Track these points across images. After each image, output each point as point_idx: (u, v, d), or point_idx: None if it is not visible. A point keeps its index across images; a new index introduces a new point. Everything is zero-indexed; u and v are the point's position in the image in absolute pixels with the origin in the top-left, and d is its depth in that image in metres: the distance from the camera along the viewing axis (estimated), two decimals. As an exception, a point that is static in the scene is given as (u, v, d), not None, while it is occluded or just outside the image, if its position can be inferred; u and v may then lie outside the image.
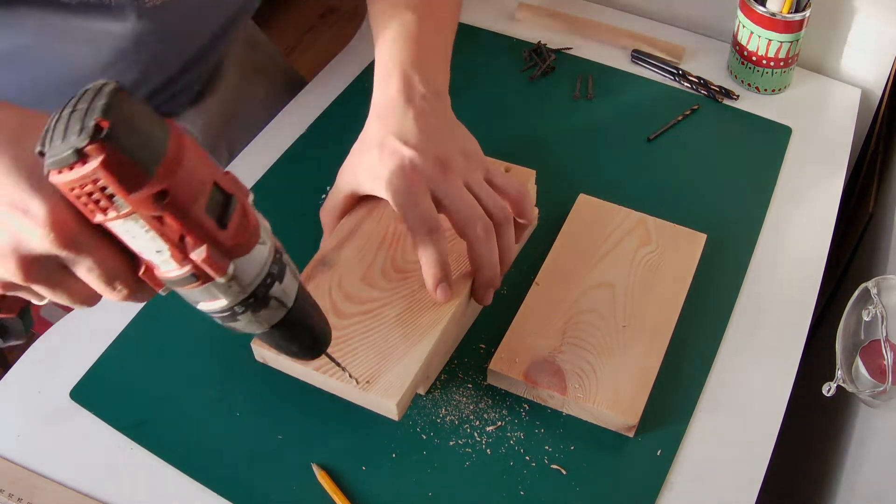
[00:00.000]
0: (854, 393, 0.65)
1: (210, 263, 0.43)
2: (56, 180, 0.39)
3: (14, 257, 0.43)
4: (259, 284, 0.47)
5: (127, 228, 0.42)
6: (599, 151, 0.89)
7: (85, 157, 0.38)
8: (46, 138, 0.39)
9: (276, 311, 0.49)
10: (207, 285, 0.45)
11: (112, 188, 0.39)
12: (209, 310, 0.48)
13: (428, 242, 0.63)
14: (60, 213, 0.42)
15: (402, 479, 0.63)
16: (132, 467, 0.65)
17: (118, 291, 0.45)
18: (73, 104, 0.39)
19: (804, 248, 0.80)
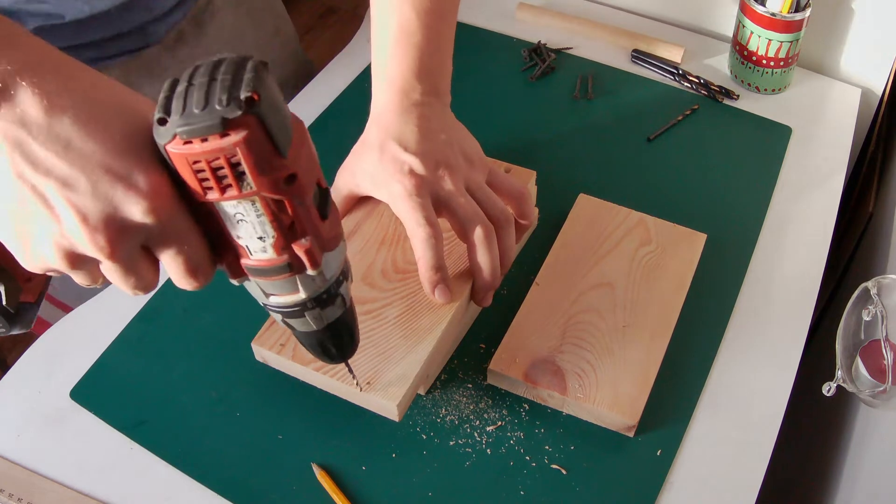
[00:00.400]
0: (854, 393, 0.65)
1: (310, 254, 0.43)
2: (180, 150, 0.38)
3: (107, 229, 0.40)
4: (334, 281, 0.47)
5: (239, 210, 0.41)
6: (599, 151, 0.89)
7: (227, 130, 0.37)
8: (173, 106, 0.37)
9: (337, 310, 0.49)
10: (296, 277, 0.44)
11: (245, 165, 0.38)
12: (280, 304, 0.47)
13: (426, 247, 0.63)
14: (164, 187, 0.40)
15: (402, 479, 0.63)
16: (132, 467, 0.65)
17: (193, 282, 0.44)
18: (207, 73, 0.37)
19: (804, 248, 0.80)
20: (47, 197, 0.39)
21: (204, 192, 0.40)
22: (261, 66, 0.38)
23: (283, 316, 0.48)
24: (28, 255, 0.42)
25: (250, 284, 0.46)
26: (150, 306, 0.75)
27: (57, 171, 0.39)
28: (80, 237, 0.40)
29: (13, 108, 0.38)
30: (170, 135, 0.38)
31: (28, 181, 0.39)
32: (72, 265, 0.42)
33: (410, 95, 0.67)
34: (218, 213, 0.41)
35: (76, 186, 0.39)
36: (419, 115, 0.67)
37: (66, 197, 0.39)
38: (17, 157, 0.39)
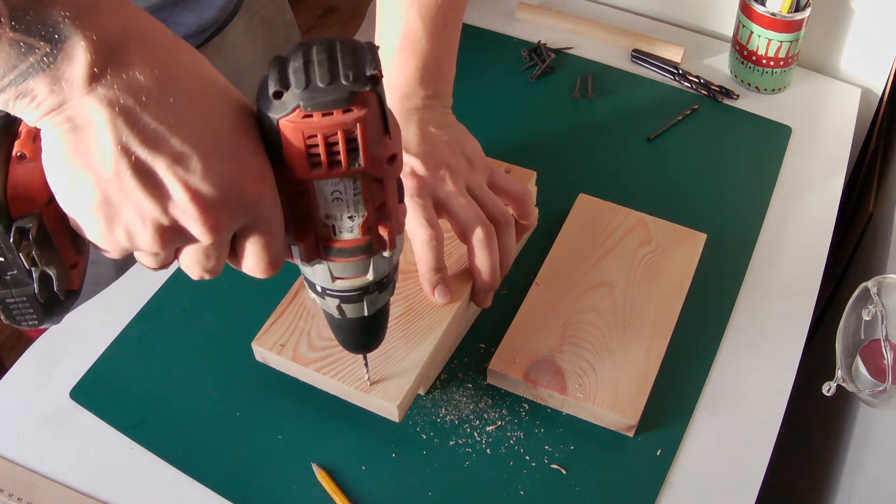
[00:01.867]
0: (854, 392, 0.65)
1: (392, 235, 0.44)
2: (297, 123, 0.38)
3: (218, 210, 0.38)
4: (396, 265, 0.49)
5: (338, 188, 0.41)
6: (599, 151, 0.89)
7: (352, 106, 0.38)
8: (291, 80, 0.37)
9: (388, 295, 0.50)
10: (371, 258, 0.45)
11: (360, 141, 0.39)
12: (346, 287, 0.47)
13: (427, 249, 0.63)
14: (270, 173, 0.40)
15: (402, 479, 0.63)
16: (132, 467, 0.65)
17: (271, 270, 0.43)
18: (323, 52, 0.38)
19: (804, 247, 0.80)
20: (154, 171, 0.37)
21: (311, 168, 0.40)
22: (375, 48, 0.39)
23: (340, 301, 0.48)
24: (112, 234, 0.39)
25: (319, 268, 0.46)
26: (150, 306, 0.75)
27: (168, 145, 0.36)
28: (191, 216, 0.38)
29: (121, 73, 0.36)
30: (289, 107, 0.38)
31: (132, 153, 0.36)
32: (164, 245, 0.39)
33: (412, 99, 0.67)
34: (313, 191, 0.41)
35: (189, 163, 0.37)
36: (420, 118, 0.67)
37: (177, 173, 0.37)
38: (122, 125, 0.36)
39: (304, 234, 0.44)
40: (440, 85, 0.69)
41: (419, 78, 0.68)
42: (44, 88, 0.35)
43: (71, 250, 0.43)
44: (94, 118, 0.36)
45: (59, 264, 0.42)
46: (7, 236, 0.39)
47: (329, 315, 0.52)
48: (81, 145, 0.36)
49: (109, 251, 0.41)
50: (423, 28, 0.67)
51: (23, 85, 0.35)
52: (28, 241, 0.39)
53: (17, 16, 0.34)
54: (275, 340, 0.65)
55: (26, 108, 0.36)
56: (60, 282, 0.42)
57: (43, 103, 0.36)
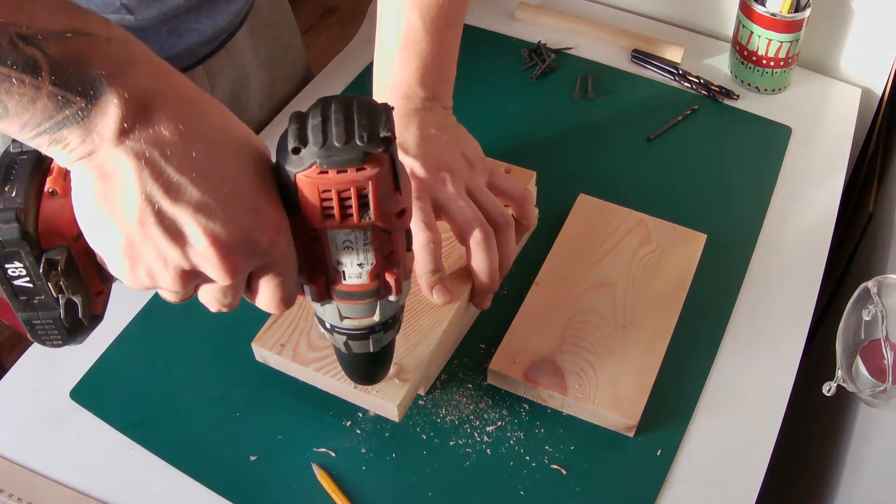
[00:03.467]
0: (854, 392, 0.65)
1: (399, 281, 0.47)
2: (313, 178, 0.41)
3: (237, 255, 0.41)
4: (402, 307, 0.52)
5: (349, 238, 0.44)
6: (599, 151, 0.89)
7: (365, 165, 0.40)
8: (309, 137, 0.40)
9: (393, 333, 0.54)
10: (379, 301, 0.49)
11: (371, 197, 0.42)
12: (353, 326, 0.51)
13: (425, 251, 0.63)
14: (285, 220, 0.43)
15: (402, 479, 0.63)
16: (132, 467, 0.65)
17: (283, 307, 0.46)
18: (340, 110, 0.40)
19: (804, 248, 0.80)
20: (176, 220, 0.40)
21: (324, 219, 0.43)
22: (390, 109, 0.42)
23: (347, 338, 0.52)
24: (136, 274, 0.42)
25: (328, 308, 0.50)
26: (150, 306, 0.75)
27: (190, 195, 0.39)
28: (210, 260, 0.41)
29: (148, 129, 0.38)
30: (306, 163, 0.41)
31: (155, 203, 0.39)
32: (184, 286, 0.43)
33: (412, 101, 0.67)
34: (326, 239, 0.45)
35: (210, 212, 0.40)
36: (420, 119, 0.67)
37: (198, 222, 0.40)
38: (147, 177, 0.38)
39: (315, 277, 0.47)
40: (440, 86, 0.69)
41: (419, 79, 0.68)
42: (76, 138, 0.38)
43: (97, 279, 0.46)
44: (121, 169, 0.38)
45: (85, 292, 0.45)
46: (37, 266, 0.41)
47: (337, 349, 0.55)
48: (109, 192, 0.39)
49: (134, 287, 0.44)
50: (424, 29, 0.67)
51: (57, 134, 0.38)
52: (56, 272, 0.42)
53: (58, 71, 0.36)
54: (275, 340, 0.65)
55: (59, 154, 0.39)
56: (85, 308, 0.45)
57: (75, 151, 0.38)
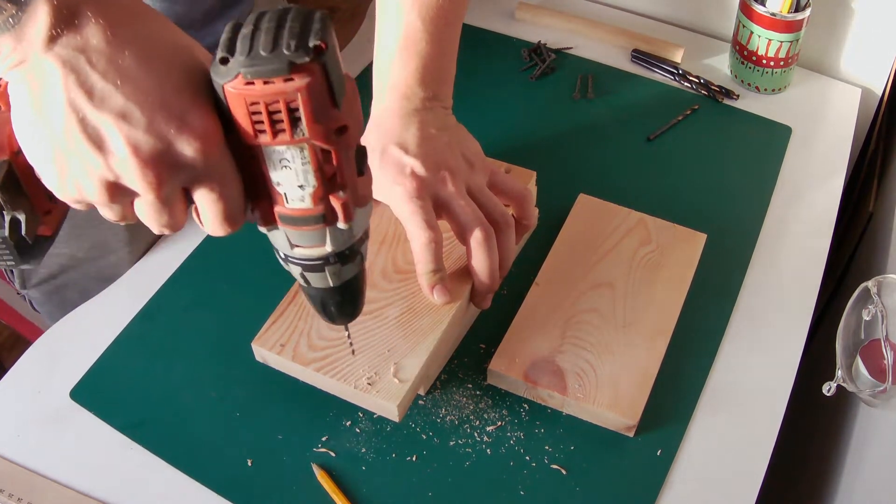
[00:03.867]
0: (854, 392, 0.65)
1: (346, 207, 0.44)
2: (240, 90, 0.39)
3: (158, 165, 0.40)
4: (359, 238, 0.48)
5: (286, 156, 0.41)
6: (599, 151, 0.89)
7: (292, 75, 0.38)
8: (237, 46, 0.38)
9: (355, 267, 0.50)
10: (327, 229, 0.45)
11: (303, 111, 0.39)
12: (304, 256, 0.48)
13: (426, 250, 0.63)
14: (215, 130, 0.40)
15: (402, 479, 0.63)
16: (132, 467, 0.65)
17: (226, 228, 0.44)
18: (273, 19, 0.38)
19: (804, 247, 0.80)
20: (99, 128, 0.39)
21: (256, 134, 0.40)
22: (328, 17, 0.39)
23: (302, 269, 0.49)
24: (65, 185, 0.41)
25: (277, 234, 0.47)
26: (150, 306, 0.75)
27: (113, 102, 0.39)
28: (131, 171, 0.40)
29: (76, 35, 0.38)
30: (232, 74, 0.38)
31: (80, 110, 0.39)
32: (111, 199, 0.41)
33: (412, 101, 0.67)
34: (262, 157, 0.42)
35: (132, 120, 0.39)
36: (420, 119, 0.67)
37: (120, 129, 0.39)
38: (72, 84, 0.38)
39: (258, 199, 0.44)
40: (440, 86, 0.69)
41: (419, 79, 0.68)
42: (9, 45, 0.38)
43: (43, 198, 0.45)
44: (50, 75, 0.38)
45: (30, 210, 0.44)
46: None
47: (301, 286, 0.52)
48: (39, 101, 0.39)
49: (66, 201, 0.43)
50: (424, 29, 0.67)
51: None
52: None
53: None
54: (275, 340, 0.65)
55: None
56: (29, 227, 0.44)
57: (8, 58, 0.38)
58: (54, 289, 0.83)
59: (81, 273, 0.81)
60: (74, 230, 0.77)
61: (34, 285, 0.82)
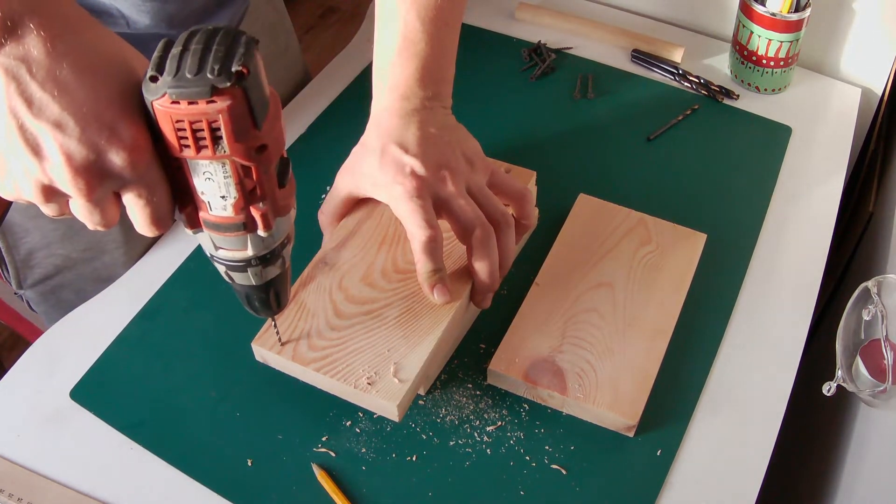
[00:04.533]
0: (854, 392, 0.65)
1: (265, 217, 0.47)
2: (166, 108, 0.41)
3: (88, 173, 0.42)
4: (280, 243, 0.52)
5: (209, 169, 0.44)
6: (599, 151, 0.89)
7: (214, 98, 0.41)
8: (166, 66, 0.41)
9: (276, 269, 0.54)
10: (248, 235, 0.49)
11: (224, 131, 0.42)
12: (227, 258, 0.51)
13: (426, 250, 0.63)
14: (144, 141, 0.43)
15: (402, 479, 0.63)
16: (132, 467, 0.65)
17: (154, 230, 0.47)
18: (202, 41, 0.41)
19: (804, 248, 0.80)
20: (36, 135, 0.41)
21: (181, 148, 0.43)
22: (252, 42, 0.42)
23: (226, 268, 0.52)
24: (4, 184, 0.45)
25: (203, 236, 0.50)
26: (150, 306, 0.75)
27: (49, 111, 0.41)
28: (62, 177, 0.42)
29: (18, 46, 0.40)
30: (159, 92, 0.41)
31: (19, 117, 0.41)
32: (45, 199, 0.44)
33: (412, 101, 0.67)
34: (188, 168, 0.45)
35: (66, 130, 0.41)
36: (420, 119, 0.67)
37: (55, 138, 0.41)
38: (13, 92, 0.41)
39: (184, 205, 0.47)
40: (440, 86, 0.69)
41: (419, 79, 0.68)
42: None
43: None
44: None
45: None
46: None
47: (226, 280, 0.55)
48: None
49: (6, 198, 0.46)
50: (422, 29, 0.67)
51: None
52: None
53: None
54: (275, 340, 0.65)
55: None
56: None
57: None
58: (50, 289, 0.83)
59: (77, 274, 0.81)
60: (69, 231, 0.77)
61: (30, 286, 0.82)
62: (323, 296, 0.66)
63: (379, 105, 0.69)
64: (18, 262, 0.79)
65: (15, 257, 0.78)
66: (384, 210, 0.71)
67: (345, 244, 0.69)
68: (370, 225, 0.71)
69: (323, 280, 0.67)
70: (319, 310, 0.65)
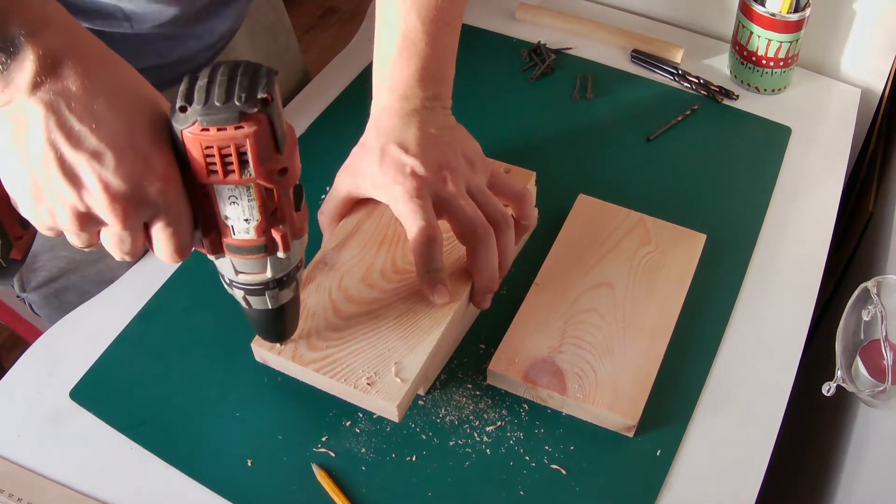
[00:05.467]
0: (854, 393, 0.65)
1: (285, 239, 0.50)
2: (196, 135, 0.44)
3: (126, 201, 0.44)
4: (296, 266, 0.55)
5: (234, 193, 0.47)
6: (599, 151, 0.89)
7: (242, 123, 0.43)
8: (195, 96, 0.43)
9: (290, 293, 0.57)
10: (268, 258, 0.51)
11: (250, 154, 0.45)
12: (247, 281, 0.54)
13: (425, 250, 0.63)
14: (174, 171, 0.46)
15: (402, 479, 0.63)
16: (132, 467, 0.65)
17: (178, 257, 0.49)
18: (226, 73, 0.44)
19: (804, 248, 0.80)
20: (74, 165, 0.44)
21: (209, 174, 0.45)
22: (273, 73, 0.45)
23: (245, 293, 0.55)
24: (40, 213, 0.46)
25: (224, 261, 0.52)
26: (150, 306, 0.75)
27: (87, 143, 0.43)
28: (101, 205, 0.44)
29: (57, 82, 0.43)
30: (189, 121, 0.44)
31: (58, 148, 0.43)
32: (81, 227, 0.46)
33: (412, 101, 0.67)
34: (214, 194, 0.47)
35: (104, 160, 0.44)
36: (420, 119, 0.67)
37: (93, 168, 0.43)
38: (52, 124, 0.43)
39: (209, 231, 0.50)
40: (440, 86, 0.69)
41: (419, 79, 0.68)
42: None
43: (16, 225, 0.52)
44: (32, 116, 0.43)
45: (3, 236, 0.51)
46: None
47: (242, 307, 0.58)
48: (20, 137, 0.43)
49: (39, 227, 0.48)
50: (423, 30, 0.67)
51: None
52: None
53: None
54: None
55: None
56: (3, 251, 0.50)
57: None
58: (54, 292, 0.83)
59: (80, 276, 0.81)
60: None
61: (33, 289, 0.82)
62: (323, 296, 0.66)
63: (379, 105, 0.69)
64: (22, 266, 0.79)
65: None
66: (384, 210, 0.71)
67: (344, 244, 0.69)
68: (370, 225, 0.71)
69: (323, 280, 0.67)
70: (319, 310, 0.65)
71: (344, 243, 0.70)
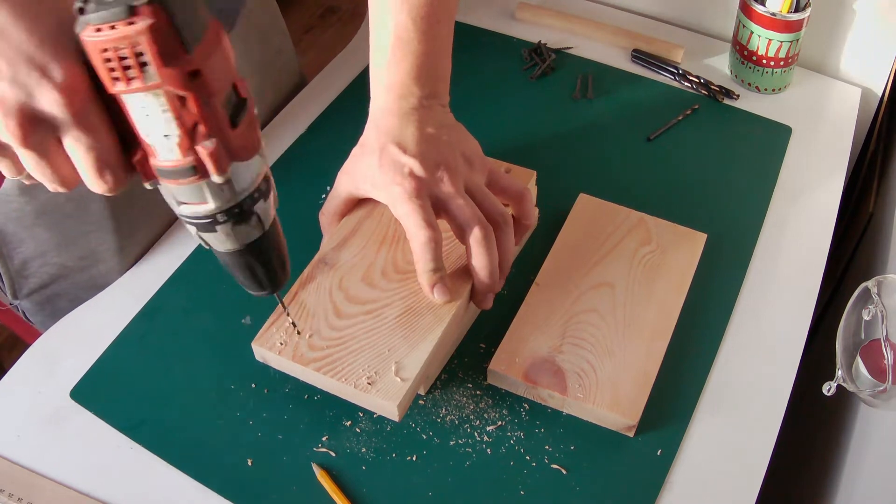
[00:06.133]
0: (854, 392, 0.65)
1: (215, 158, 0.44)
2: (91, 38, 0.40)
3: (18, 115, 0.42)
4: (247, 196, 0.48)
5: (144, 104, 0.42)
6: (599, 151, 0.89)
7: (133, 18, 0.39)
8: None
9: (253, 231, 0.50)
10: (201, 183, 0.46)
11: (149, 55, 0.40)
12: (191, 213, 0.48)
13: (425, 249, 0.63)
14: (78, 80, 0.42)
15: (402, 479, 0.63)
16: (132, 467, 0.65)
17: (104, 180, 0.45)
18: None
19: (804, 247, 0.80)
20: None
21: (112, 82, 0.41)
22: None
23: (196, 229, 0.49)
24: None
25: (163, 189, 0.47)
26: (150, 306, 0.75)
27: None
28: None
29: None
30: (85, 23, 0.40)
31: None
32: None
33: (409, 99, 0.67)
34: (125, 107, 0.43)
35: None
36: (418, 118, 0.67)
37: None
38: None
39: (134, 152, 0.45)
40: (436, 83, 0.69)
41: (414, 78, 0.68)
42: None
43: None
44: None
45: None
46: None
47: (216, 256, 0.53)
48: None
49: None
50: (415, 28, 0.67)
51: None
52: None
53: None
54: (275, 340, 0.65)
55: None
56: None
57: None
58: (46, 299, 0.83)
59: (72, 283, 0.81)
60: (64, 239, 0.77)
61: (25, 296, 0.82)
62: (323, 296, 0.66)
63: (377, 105, 0.69)
64: (13, 273, 0.78)
65: (9, 267, 0.78)
66: (384, 210, 0.71)
67: (345, 244, 0.69)
68: (370, 225, 0.71)
69: (323, 280, 0.67)
70: (319, 310, 0.65)
71: (344, 243, 0.70)
